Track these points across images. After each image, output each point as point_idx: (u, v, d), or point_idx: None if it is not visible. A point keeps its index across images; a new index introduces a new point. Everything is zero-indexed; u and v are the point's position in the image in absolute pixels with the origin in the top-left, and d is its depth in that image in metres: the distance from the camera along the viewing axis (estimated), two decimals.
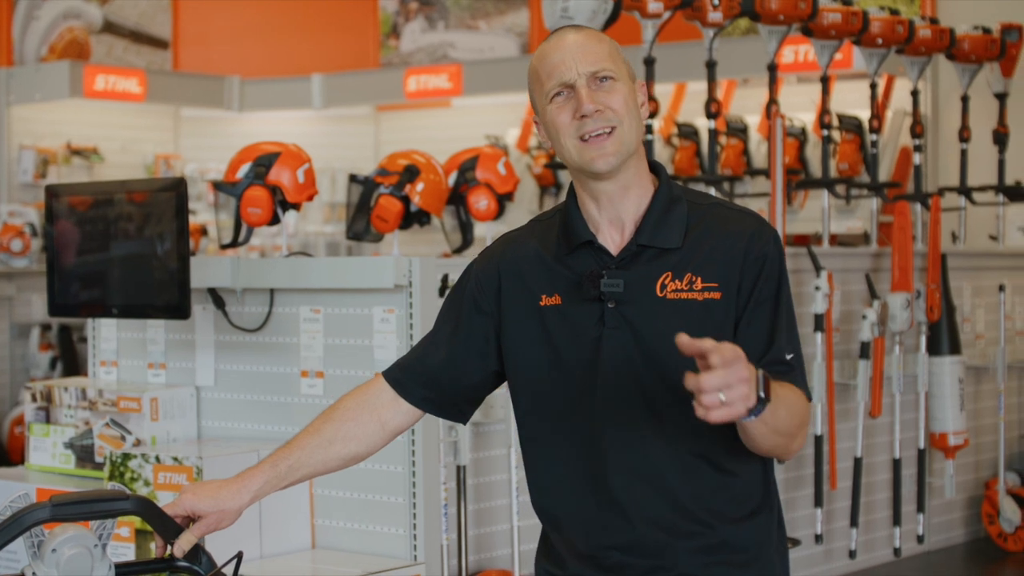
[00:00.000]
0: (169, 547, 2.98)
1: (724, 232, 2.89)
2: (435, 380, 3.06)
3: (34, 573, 2.85)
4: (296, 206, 5.54)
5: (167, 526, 2.97)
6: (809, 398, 2.90)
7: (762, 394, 2.57)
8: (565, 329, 2.91)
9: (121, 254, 5.12)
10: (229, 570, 3.01)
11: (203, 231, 10.53)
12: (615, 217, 2.92)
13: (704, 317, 2.84)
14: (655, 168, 2.99)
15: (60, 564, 2.84)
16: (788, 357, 2.87)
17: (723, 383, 2.46)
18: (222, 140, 11.70)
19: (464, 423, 3.17)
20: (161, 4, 13.07)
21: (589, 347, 2.88)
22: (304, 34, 13.08)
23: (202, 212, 11.54)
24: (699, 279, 2.86)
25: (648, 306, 2.86)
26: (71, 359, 10.08)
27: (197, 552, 3.00)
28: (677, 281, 2.86)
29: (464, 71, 11.55)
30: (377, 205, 5.66)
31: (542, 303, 2.94)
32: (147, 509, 2.93)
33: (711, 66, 7.00)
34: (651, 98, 6.76)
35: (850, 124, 8.56)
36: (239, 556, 2.98)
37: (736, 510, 2.90)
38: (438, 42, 12.68)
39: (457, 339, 3.04)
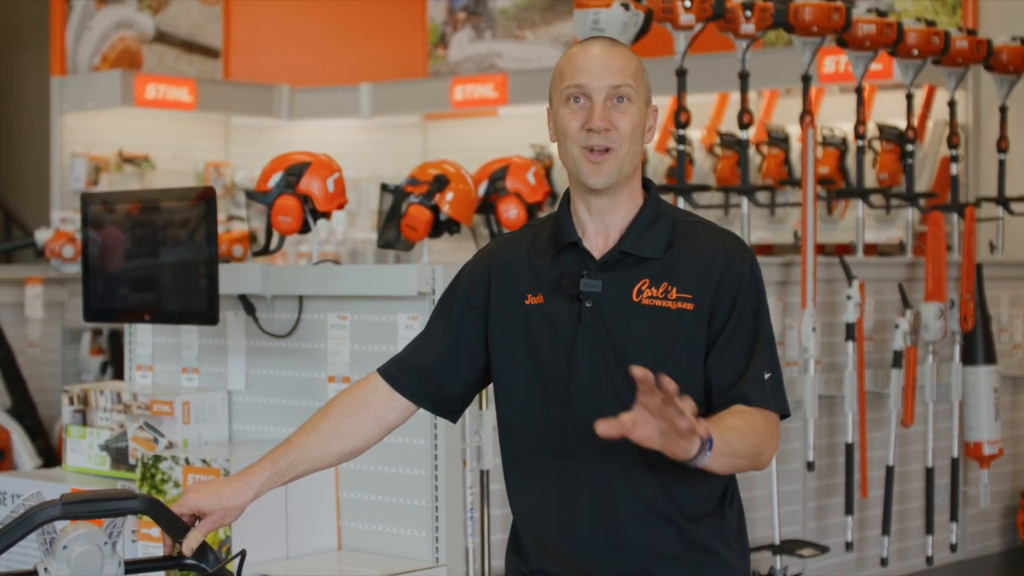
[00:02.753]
0: (177, 545, 3.08)
1: (703, 248, 3.03)
2: (429, 376, 3.17)
3: (46, 569, 2.95)
4: (326, 215, 5.64)
5: (175, 525, 3.08)
6: (785, 413, 3.03)
7: (704, 434, 2.72)
8: (545, 326, 3.04)
9: (154, 261, 5.24)
10: (235, 568, 3.11)
11: (252, 238, 10.66)
12: (602, 227, 3.06)
13: (675, 325, 2.98)
14: (647, 184, 3.12)
15: (71, 560, 2.95)
16: (766, 376, 3.00)
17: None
18: (272, 148, 11.70)
19: (455, 422, 3.27)
20: (212, 14, 13.22)
21: (565, 344, 3.01)
22: (353, 43, 13.20)
23: (252, 219, 11.67)
24: (675, 289, 2.99)
25: (623, 309, 2.99)
26: (121, 364, 10.20)
27: (204, 550, 3.10)
28: (653, 289, 3.00)
29: (510, 80, 11.63)
30: (407, 214, 5.76)
31: (527, 302, 3.07)
32: (155, 508, 3.03)
33: (744, 77, 7.06)
34: (684, 108, 6.86)
35: (890, 134, 8.58)
36: (242, 554, 3.08)
37: (698, 509, 3.01)
38: (485, 52, 12.76)
39: (449, 336, 3.16)
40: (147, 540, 5.04)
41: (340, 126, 12.82)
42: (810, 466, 6.63)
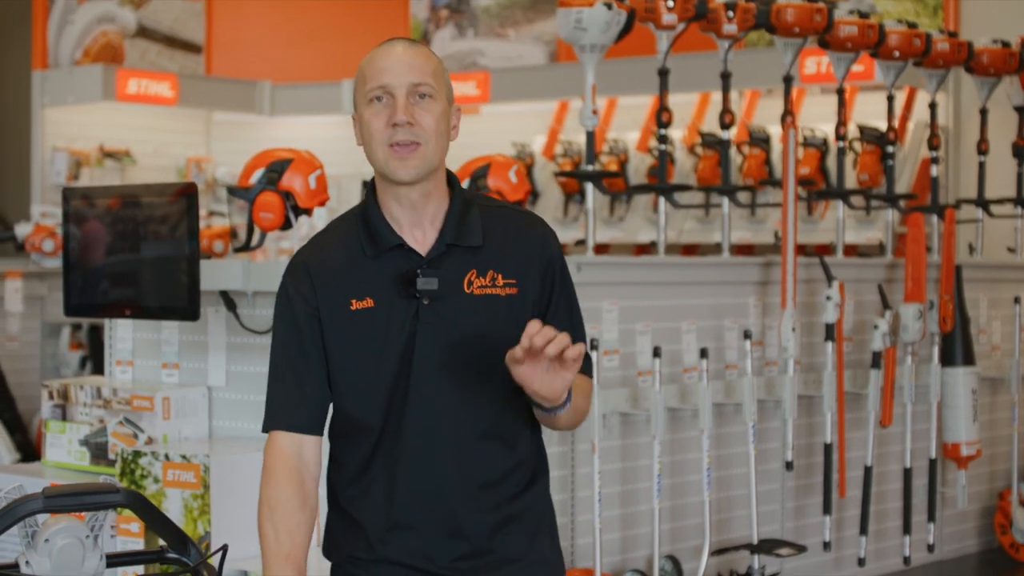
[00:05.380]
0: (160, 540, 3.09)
1: (518, 234, 3.18)
2: (323, 401, 3.18)
3: (27, 562, 2.96)
4: (308, 211, 5.65)
5: (156, 519, 3.08)
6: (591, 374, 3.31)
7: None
8: (379, 330, 3.10)
9: (135, 257, 5.24)
10: (216, 561, 3.11)
11: (233, 234, 10.63)
12: (416, 219, 3.14)
13: (506, 311, 3.12)
14: (450, 178, 3.23)
15: (52, 554, 2.96)
16: (588, 349, 3.23)
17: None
18: (253, 144, 11.71)
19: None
20: (195, 9, 13.21)
21: (404, 343, 3.09)
22: (335, 40, 13.19)
23: (234, 215, 11.64)
24: (500, 276, 3.13)
25: (457, 302, 3.10)
26: (100, 358, 10.20)
27: (186, 544, 3.10)
28: (481, 278, 3.12)
29: (492, 78, 11.64)
30: None
31: (353, 307, 3.11)
32: (137, 502, 3.04)
33: (725, 77, 7.08)
34: (665, 108, 6.88)
35: (871, 135, 8.61)
36: (224, 549, 3.09)
37: (522, 480, 3.18)
38: (467, 49, 12.77)
39: (313, 355, 3.16)
40: (126, 535, 5.04)
41: (322, 122, 12.81)
42: (789, 466, 6.65)
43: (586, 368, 3.23)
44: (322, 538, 3.29)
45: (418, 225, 3.13)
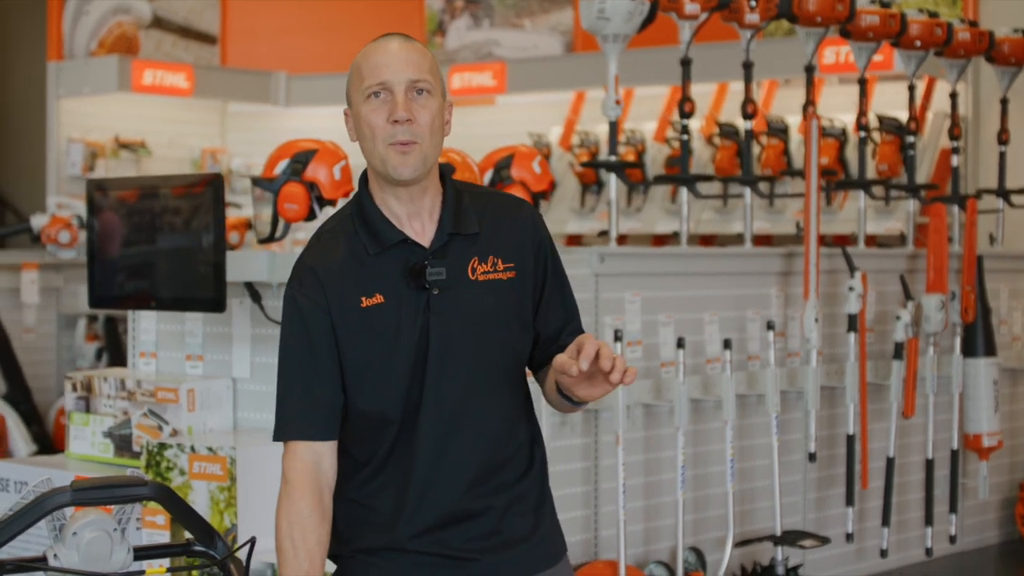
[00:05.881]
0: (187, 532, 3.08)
1: (510, 219, 3.23)
2: (338, 406, 3.15)
3: (55, 555, 2.94)
4: (332, 202, 5.63)
5: (184, 512, 3.06)
6: None
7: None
8: (391, 325, 3.10)
9: (160, 248, 5.23)
10: (243, 555, 3.09)
11: (249, 225, 10.62)
12: (415, 211, 3.15)
13: (509, 294, 3.16)
14: (441, 169, 3.24)
15: (80, 547, 2.94)
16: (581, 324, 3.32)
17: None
18: (269, 135, 11.74)
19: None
20: (210, 0, 13.19)
21: (418, 334, 3.09)
22: (351, 31, 13.15)
23: (249, 206, 11.63)
24: (500, 261, 3.17)
25: (465, 289, 3.13)
26: (117, 350, 10.21)
27: (213, 537, 3.09)
28: (484, 264, 3.16)
29: (508, 69, 11.61)
30: None
31: (363, 305, 3.11)
32: (165, 495, 3.02)
33: (748, 67, 7.05)
34: (688, 98, 6.86)
35: (890, 125, 8.58)
36: (252, 541, 3.07)
37: (523, 460, 3.22)
38: (483, 40, 12.73)
39: (326, 360, 3.13)
40: (151, 528, 5.02)
41: (337, 113, 12.62)
42: (811, 457, 6.62)
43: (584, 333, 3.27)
44: None
45: (416, 217, 3.14)
